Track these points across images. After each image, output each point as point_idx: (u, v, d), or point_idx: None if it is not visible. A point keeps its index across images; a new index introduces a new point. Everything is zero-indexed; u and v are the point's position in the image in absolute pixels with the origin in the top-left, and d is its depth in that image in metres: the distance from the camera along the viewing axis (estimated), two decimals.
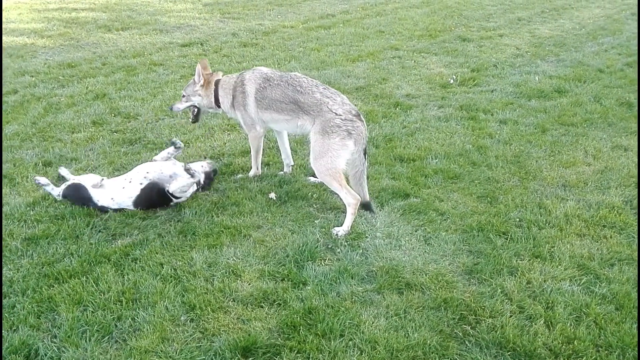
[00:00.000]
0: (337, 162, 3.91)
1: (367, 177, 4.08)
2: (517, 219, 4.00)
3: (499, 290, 3.28)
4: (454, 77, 7.21)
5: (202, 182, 4.26)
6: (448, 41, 9.15)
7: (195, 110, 4.69)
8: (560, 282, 3.35)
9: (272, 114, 4.27)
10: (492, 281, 3.35)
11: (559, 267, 3.49)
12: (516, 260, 3.55)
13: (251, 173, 4.64)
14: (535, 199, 4.30)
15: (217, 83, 4.51)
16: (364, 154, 3.96)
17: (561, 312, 3.11)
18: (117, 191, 4.02)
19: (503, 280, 3.36)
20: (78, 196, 4.05)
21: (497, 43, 9.11)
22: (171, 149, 4.34)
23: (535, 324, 3.03)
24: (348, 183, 4.01)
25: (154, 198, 4.04)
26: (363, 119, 4.03)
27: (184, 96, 4.62)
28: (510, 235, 3.80)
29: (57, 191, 4.12)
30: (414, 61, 8.04)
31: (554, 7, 12.29)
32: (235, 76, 4.50)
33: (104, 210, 3.99)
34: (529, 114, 6.01)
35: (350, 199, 3.91)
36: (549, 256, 3.61)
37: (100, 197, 4.01)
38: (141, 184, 4.02)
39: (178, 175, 4.08)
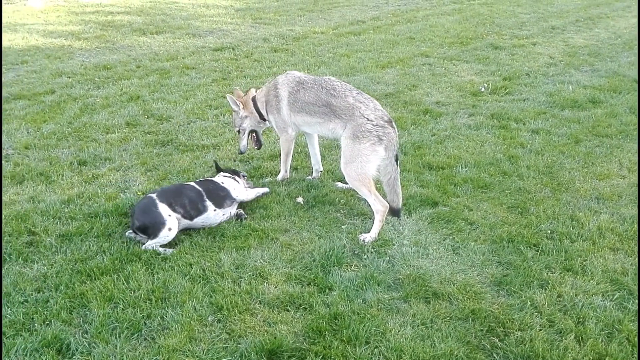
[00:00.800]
0: (367, 167, 3.90)
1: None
2: (549, 231, 3.93)
3: (529, 303, 3.22)
4: (485, 85, 7.14)
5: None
6: (479, 49, 9.07)
7: (254, 135, 4.76)
8: (592, 297, 3.28)
9: (304, 117, 4.29)
10: (522, 293, 3.29)
11: (591, 281, 3.41)
12: (547, 273, 3.49)
13: (280, 176, 4.68)
14: (567, 211, 4.22)
15: (254, 99, 4.57)
16: (396, 160, 3.94)
17: (592, 327, 3.04)
18: None
19: (533, 293, 3.30)
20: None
21: (529, 51, 8.98)
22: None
23: (566, 339, 2.96)
24: (380, 190, 3.99)
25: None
26: (395, 126, 4.02)
27: (238, 131, 4.69)
28: (541, 248, 3.73)
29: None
30: (445, 68, 7.99)
31: (589, 16, 12.06)
32: (267, 83, 4.56)
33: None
34: (562, 124, 5.91)
35: (378, 206, 3.90)
36: (581, 270, 3.53)
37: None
38: None
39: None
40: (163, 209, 3.67)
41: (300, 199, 4.33)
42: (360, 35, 10.07)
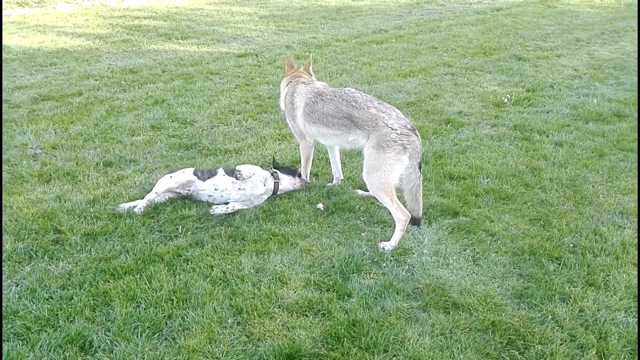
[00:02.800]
0: (390, 176, 3.89)
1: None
2: (571, 245, 3.89)
3: (550, 316, 3.19)
4: (509, 96, 7.10)
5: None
6: (503, 59, 9.02)
7: None
8: (614, 313, 3.23)
9: (320, 128, 4.28)
10: (543, 307, 3.26)
11: (614, 296, 3.37)
12: (569, 287, 3.45)
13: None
14: (590, 225, 4.17)
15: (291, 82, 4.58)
16: (419, 168, 3.94)
17: (615, 343, 3.00)
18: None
19: (554, 307, 3.26)
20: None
21: (553, 63, 8.90)
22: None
23: (587, 354, 2.92)
24: (400, 199, 4.00)
25: None
26: (418, 134, 4.02)
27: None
28: (563, 261, 3.70)
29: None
30: (467, 78, 7.96)
31: (614, 29, 11.92)
32: (285, 82, 4.65)
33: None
34: (586, 137, 5.84)
35: (400, 215, 3.90)
36: (604, 285, 3.49)
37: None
38: None
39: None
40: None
41: (320, 205, 4.35)
42: (382, 43, 10.10)
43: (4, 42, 9.31)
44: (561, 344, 3.00)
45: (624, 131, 6.00)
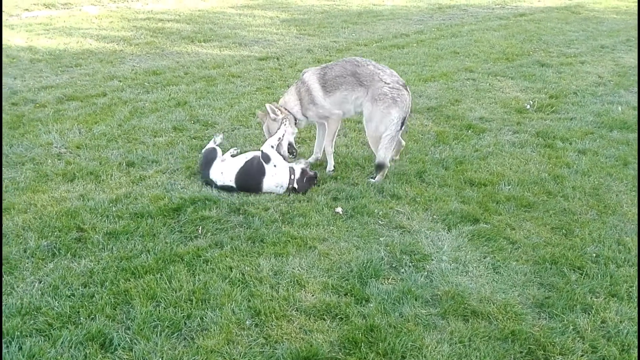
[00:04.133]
0: (380, 127, 4.62)
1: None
2: (594, 255, 3.83)
3: (571, 327, 3.14)
4: (531, 102, 7.02)
5: (295, 174, 4.58)
6: (525, 65, 8.93)
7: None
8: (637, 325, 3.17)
9: (334, 95, 4.74)
10: (564, 317, 3.21)
11: (637, 308, 3.30)
12: (591, 298, 3.39)
13: (331, 164, 5.03)
14: (614, 234, 4.10)
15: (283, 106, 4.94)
16: (403, 122, 4.65)
17: (637, 356, 2.93)
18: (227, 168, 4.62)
19: (576, 317, 3.21)
20: (207, 157, 4.75)
21: (577, 70, 8.78)
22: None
23: None
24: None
25: (254, 169, 4.55)
26: (409, 90, 4.69)
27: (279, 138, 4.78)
28: (586, 271, 3.64)
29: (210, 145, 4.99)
30: (489, 84, 7.89)
31: None
32: (288, 91, 5.01)
33: (213, 183, 4.58)
34: (610, 145, 5.74)
35: (385, 161, 4.66)
36: (627, 296, 3.42)
37: (215, 172, 4.61)
38: (246, 159, 4.66)
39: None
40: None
41: (339, 209, 4.35)
42: (403, 48, 10.07)
43: (31, 43, 9.52)
44: (582, 355, 2.95)
45: None
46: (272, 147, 4.68)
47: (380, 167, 4.72)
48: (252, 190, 4.55)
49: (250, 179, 4.56)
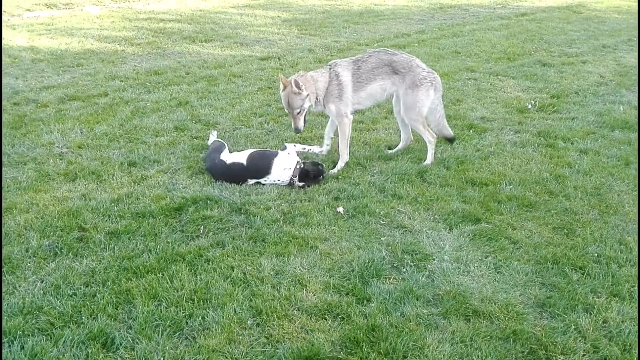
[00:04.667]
0: (423, 109, 4.97)
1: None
2: (595, 254, 3.82)
3: (573, 326, 3.14)
4: (533, 102, 7.01)
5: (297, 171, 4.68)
6: (527, 65, 8.92)
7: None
8: None
9: (367, 88, 4.92)
10: (566, 317, 3.21)
11: None
12: (592, 297, 3.39)
13: (341, 164, 5.05)
14: (615, 234, 4.09)
15: (312, 79, 4.88)
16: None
17: None
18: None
19: (577, 317, 3.21)
20: (215, 148, 4.91)
21: (579, 70, 8.76)
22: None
23: None
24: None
25: (267, 151, 4.82)
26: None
27: (298, 112, 4.80)
28: (587, 271, 3.63)
29: (210, 140, 5.25)
30: (490, 84, 7.89)
31: None
32: (321, 72, 4.94)
33: (222, 163, 4.70)
34: (611, 145, 5.74)
35: (430, 137, 5.09)
36: (629, 296, 3.42)
37: (225, 155, 4.79)
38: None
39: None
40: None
41: (340, 209, 4.35)
42: (404, 48, 10.05)
43: (33, 43, 9.54)
44: (584, 355, 2.95)
45: None
46: (295, 145, 4.96)
47: (452, 140, 5.37)
48: (260, 172, 4.68)
49: (262, 159, 4.70)
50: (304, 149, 5.10)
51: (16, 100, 6.67)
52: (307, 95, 4.77)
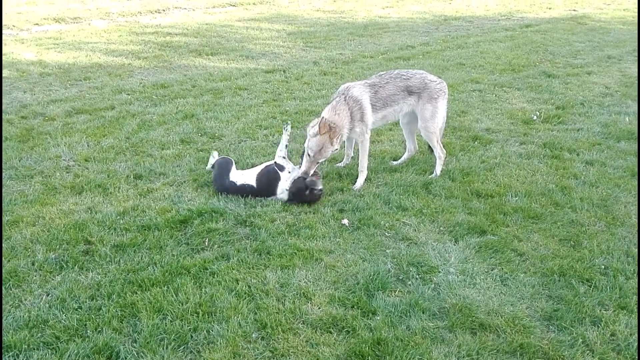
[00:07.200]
0: (440, 120, 5.13)
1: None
2: (603, 266, 3.79)
3: (580, 340, 3.11)
4: (538, 113, 7.01)
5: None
6: (532, 76, 8.93)
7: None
8: None
9: (384, 111, 4.96)
10: (573, 330, 3.18)
11: None
12: (600, 310, 3.36)
13: (361, 180, 5.00)
14: (622, 246, 4.06)
15: (333, 125, 4.59)
16: None
17: None
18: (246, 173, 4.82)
19: (585, 330, 3.18)
20: (223, 166, 4.84)
21: (584, 81, 8.77)
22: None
23: None
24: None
25: (270, 175, 4.70)
26: None
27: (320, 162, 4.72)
28: (594, 283, 3.61)
29: (210, 164, 5.14)
30: (495, 95, 7.90)
31: None
32: (340, 110, 4.69)
33: (232, 185, 4.67)
34: (617, 156, 5.72)
35: (441, 154, 5.16)
36: (637, 309, 3.38)
37: (234, 175, 4.75)
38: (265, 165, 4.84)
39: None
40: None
41: (345, 221, 4.35)
42: (409, 60, 10.11)
43: (41, 57, 9.64)
44: None
45: None
46: (284, 157, 4.85)
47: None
48: (268, 192, 4.69)
49: (270, 182, 4.69)
50: (286, 146, 4.90)
51: (24, 113, 6.74)
52: (336, 149, 4.70)
